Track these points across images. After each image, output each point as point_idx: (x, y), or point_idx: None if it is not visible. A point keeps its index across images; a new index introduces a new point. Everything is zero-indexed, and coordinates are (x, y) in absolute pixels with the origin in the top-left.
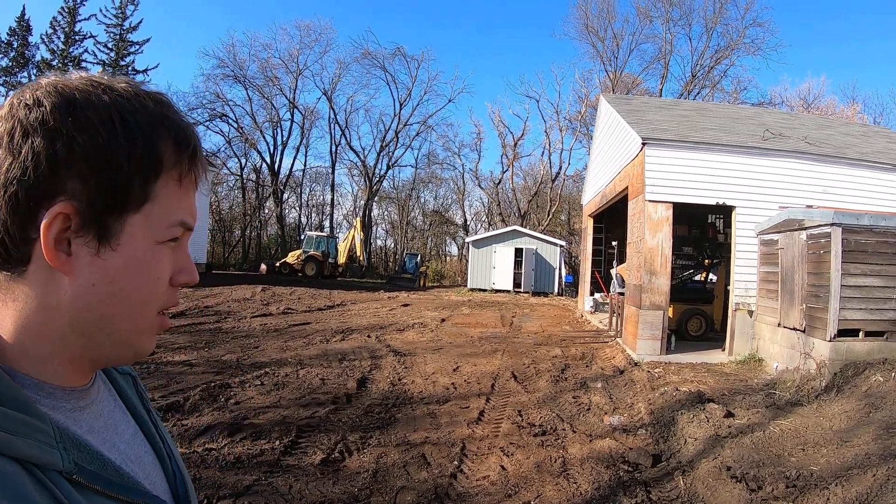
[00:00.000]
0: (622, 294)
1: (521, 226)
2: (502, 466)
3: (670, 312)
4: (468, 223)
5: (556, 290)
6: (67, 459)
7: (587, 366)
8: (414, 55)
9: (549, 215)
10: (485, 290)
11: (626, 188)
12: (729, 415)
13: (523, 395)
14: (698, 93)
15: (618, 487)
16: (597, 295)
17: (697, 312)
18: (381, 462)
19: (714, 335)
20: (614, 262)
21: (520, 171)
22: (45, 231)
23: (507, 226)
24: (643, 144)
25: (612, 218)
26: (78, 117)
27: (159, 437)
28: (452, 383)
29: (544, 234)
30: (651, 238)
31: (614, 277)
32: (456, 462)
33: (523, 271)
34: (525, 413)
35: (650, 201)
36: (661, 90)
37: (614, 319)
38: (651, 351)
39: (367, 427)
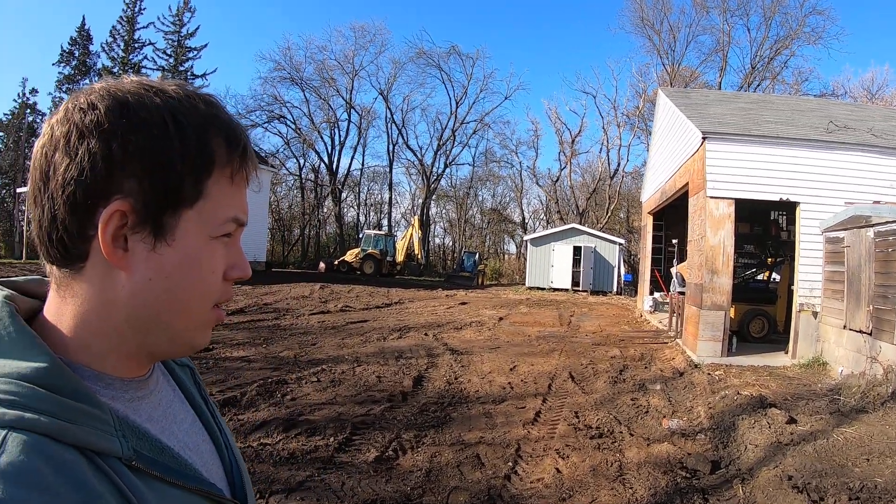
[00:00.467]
0: (682, 293)
1: (580, 223)
2: (557, 469)
3: (732, 313)
4: (526, 221)
5: (614, 289)
6: (126, 446)
7: (646, 367)
8: (469, 53)
9: (607, 213)
10: (543, 289)
11: (687, 184)
12: (791, 421)
13: (580, 396)
14: (758, 85)
15: (675, 494)
16: (656, 294)
17: (760, 313)
18: (434, 461)
19: (777, 337)
20: (674, 260)
21: (578, 168)
22: (103, 228)
23: (565, 223)
24: (703, 139)
25: (673, 215)
26: (131, 119)
27: (217, 427)
28: (509, 383)
29: (603, 231)
30: (712, 236)
31: (674, 276)
32: (510, 463)
33: (582, 269)
34: (582, 414)
35: (711, 198)
36: (720, 83)
37: (674, 319)
38: (712, 353)
39: (422, 426)
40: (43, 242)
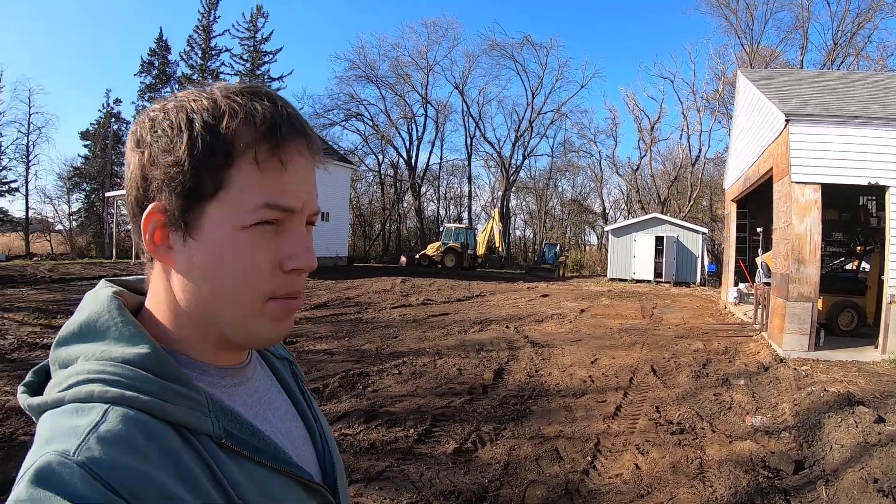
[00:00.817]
0: (768, 284)
1: (662, 213)
2: (636, 465)
3: (819, 305)
4: (607, 211)
5: (698, 280)
6: (218, 425)
7: (730, 361)
8: (542, 43)
9: (689, 201)
10: (625, 280)
11: (771, 170)
12: (879, 420)
13: (662, 390)
14: (842, 62)
15: (755, 494)
16: (741, 285)
17: (849, 305)
18: (513, 454)
19: (867, 330)
20: (759, 249)
21: (658, 155)
22: (144, 228)
23: (646, 213)
24: (787, 121)
25: (757, 202)
26: (155, 130)
27: (312, 416)
28: (590, 376)
29: (685, 220)
30: (798, 223)
31: (759, 266)
32: (589, 458)
33: (664, 260)
34: (663, 409)
35: (796, 183)
36: (802, 61)
37: (759, 312)
38: (798, 346)
39: (502, 418)
40: (135, 246)
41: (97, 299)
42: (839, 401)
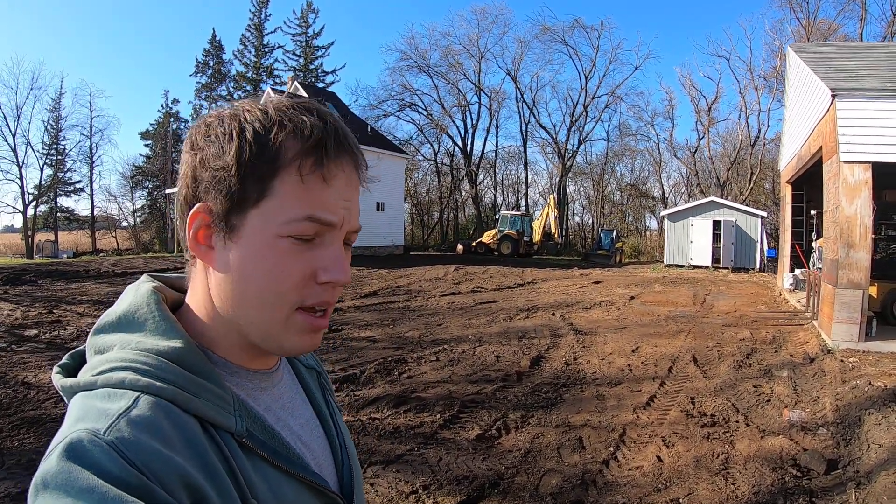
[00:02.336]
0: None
1: (722, 196)
2: (659, 457)
3: (874, 292)
4: (666, 196)
5: (757, 266)
6: (241, 424)
7: (775, 351)
8: (593, 25)
9: (750, 184)
10: (682, 266)
11: (820, 149)
12: None
13: (700, 380)
14: None
15: (779, 494)
16: (797, 271)
17: None
18: (535, 442)
19: None
20: (813, 234)
21: (717, 137)
22: (189, 225)
23: (706, 197)
24: (833, 96)
25: (811, 183)
26: (209, 135)
27: (334, 427)
28: (628, 365)
29: (746, 204)
30: (847, 205)
31: (815, 251)
32: (612, 448)
33: (722, 245)
34: (698, 401)
35: (845, 162)
36: (861, 34)
37: (811, 299)
38: (847, 336)
39: (531, 406)
40: (180, 241)
41: (137, 293)
42: (884, 396)
